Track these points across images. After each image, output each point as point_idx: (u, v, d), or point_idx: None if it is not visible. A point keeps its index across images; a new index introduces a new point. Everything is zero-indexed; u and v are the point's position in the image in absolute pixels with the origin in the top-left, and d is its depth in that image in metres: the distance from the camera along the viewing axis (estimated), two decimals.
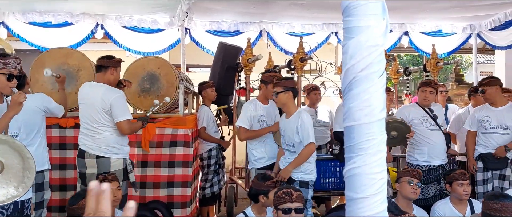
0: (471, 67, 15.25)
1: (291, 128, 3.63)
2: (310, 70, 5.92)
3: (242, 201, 5.98)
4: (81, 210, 2.58)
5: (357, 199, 1.07)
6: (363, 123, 1.09)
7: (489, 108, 4.47)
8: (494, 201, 2.42)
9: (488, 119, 4.43)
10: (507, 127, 4.36)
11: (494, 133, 4.40)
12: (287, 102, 3.66)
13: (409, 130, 4.14)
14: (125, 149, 3.68)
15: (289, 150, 3.74)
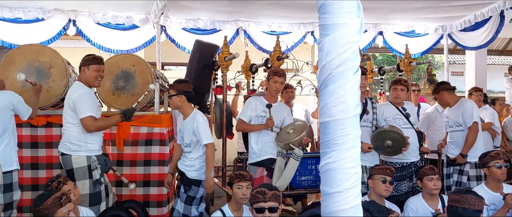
0: (442, 67, 15.64)
1: (188, 129, 3.76)
2: (286, 69, 5.95)
3: (219, 200, 5.96)
4: (47, 210, 2.53)
5: (332, 193, 1.09)
6: (338, 118, 1.11)
7: (447, 109, 4.80)
8: (455, 193, 2.58)
9: (447, 120, 4.74)
10: (460, 124, 4.61)
11: (452, 131, 4.70)
12: (181, 105, 3.78)
13: (405, 144, 4.21)
14: (89, 146, 3.63)
15: (184, 150, 3.86)
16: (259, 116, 4.20)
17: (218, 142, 5.29)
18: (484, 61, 9.59)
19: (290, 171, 3.93)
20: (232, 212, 3.27)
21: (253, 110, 4.20)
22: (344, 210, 1.09)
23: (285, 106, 4.48)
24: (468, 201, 2.44)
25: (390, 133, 4.21)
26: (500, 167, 3.75)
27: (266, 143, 4.17)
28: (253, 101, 4.28)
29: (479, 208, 2.40)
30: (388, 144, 4.18)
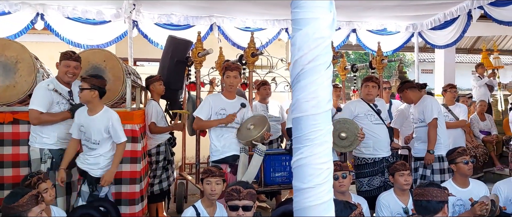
0: (413, 65, 16.01)
1: (98, 127, 3.64)
2: (261, 66, 5.95)
3: (192, 197, 5.92)
4: (22, 208, 2.46)
5: (305, 189, 1.08)
6: (310, 114, 1.11)
7: (412, 106, 4.97)
8: (419, 187, 2.65)
9: (412, 116, 4.90)
10: (422, 120, 4.76)
11: (416, 127, 4.87)
12: (92, 100, 3.64)
13: (358, 130, 4.25)
14: (43, 139, 3.65)
15: (88, 147, 3.69)
16: (218, 114, 4.14)
17: (192, 139, 5.25)
18: (452, 59, 9.86)
19: (254, 167, 3.92)
20: (205, 208, 3.25)
21: (211, 107, 4.14)
22: (316, 206, 1.09)
23: (244, 101, 4.41)
24: (430, 193, 2.51)
25: (344, 124, 4.24)
26: (466, 163, 3.86)
27: (228, 139, 4.13)
28: (211, 99, 4.22)
29: (442, 199, 2.46)
30: (343, 136, 4.20)
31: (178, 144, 5.45)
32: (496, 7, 5.68)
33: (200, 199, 3.35)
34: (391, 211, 3.77)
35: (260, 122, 4.10)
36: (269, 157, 4.49)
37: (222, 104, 4.15)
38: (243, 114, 4.23)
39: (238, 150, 4.10)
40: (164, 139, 4.85)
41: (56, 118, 3.72)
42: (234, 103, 4.19)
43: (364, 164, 4.53)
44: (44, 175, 3.14)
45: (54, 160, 3.64)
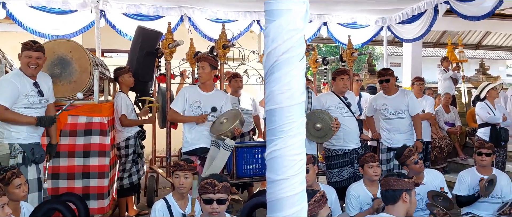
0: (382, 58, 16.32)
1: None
2: (233, 58, 5.91)
3: (163, 191, 5.86)
4: None
5: (278, 180, 1.08)
6: (284, 106, 1.10)
7: (384, 96, 4.93)
8: (383, 177, 2.70)
9: (386, 107, 4.88)
10: (402, 111, 4.84)
11: (392, 118, 4.86)
12: None
13: (332, 120, 4.29)
14: (12, 133, 3.50)
15: None
16: (193, 106, 4.12)
17: (162, 132, 5.18)
18: (419, 53, 10.11)
19: (220, 161, 3.91)
20: (176, 201, 3.23)
21: (186, 100, 4.11)
22: (289, 197, 1.09)
23: (222, 94, 4.40)
24: (388, 183, 2.58)
25: (319, 114, 4.29)
26: (416, 162, 3.97)
27: (199, 132, 4.12)
28: (186, 91, 4.19)
29: (398, 187, 2.52)
30: (318, 127, 4.25)
31: (148, 136, 5.36)
32: (462, 2, 5.85)
33: (171, 192, 3.32)
34: (360, 202, 3.86)
35: (233, 116, 4.09)
36: (241, 150, 4.48)
37: (197, 97, 4.13)
38: (222, 106, 4.22)
39: (209, 142, 4.08)
40: (133, 131, 4.76)
41: (20, 120, 3.54)
42: (211, 96, 4.17)
43: (334, 155, 4.60)
44: (18, 170, 3.05)
45: (26, 155, 3.49)
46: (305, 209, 1.13)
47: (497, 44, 16.65)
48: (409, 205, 2.50)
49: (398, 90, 4.97)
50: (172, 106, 4.19)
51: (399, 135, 4.83)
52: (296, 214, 1.10)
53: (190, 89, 4.26)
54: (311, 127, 4.28)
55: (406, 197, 2.47)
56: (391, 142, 4.84)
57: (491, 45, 16.69)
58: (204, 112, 4.11)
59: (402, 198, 2.48)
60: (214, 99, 4.18)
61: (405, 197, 2.47)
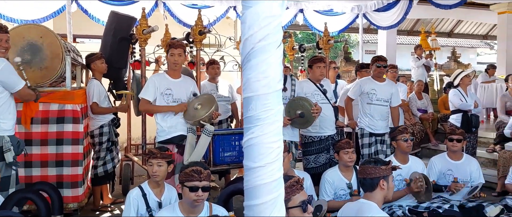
0: (358, 45, 16.48)
1: None
2: (209, 44, 5.86)
3: (139, 179, 5.81)
4: None
5: (255, 168, 1.08)
6: (261, 93, 1.10)
7: (374, 82, 4.94)
8: (360, 165, 2.72)
9: (374, 92, 4.90)
10: (387, 100, 4.92)
11: (377, 104, 4.90)
12: None
13: (312, 106, 4.30)
14: (1, 125, 3.34)
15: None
16: (164, 94, 3.99)
17: (137, 119, 5.11)
18: (394, 40, 10.28)
19: (202, 148, 3.89)
20: (152, 189, 3.21)
21: (156, 87, 3.99)
22: (266, 184, 1.09)
23: (190, 80, 4.30)
24: (366, 171, 2.61)
25: (299, 101, 4.31)
26: (406, 140, 4.13)
27: (174, 119, 4.02)
28: (156, 79, 4.06)
29: (375, 175, 2.54)
30: (299, 113, 4.27)
31: (122, 124, 5.28)
32: None
33: (147, 180, 3.29)
34: (335, 187, 3.93)
35: (207, 101, 4.04)
36: (218, 137, 4.47)
37: (167, 84, 4.02)
38: (191, 93, 4.14)
39: (185, 130, 4.04)
40: (107, 119, 4.68)
41: None
42: (180, 82, 4.09)
43: (311, 142, 4.65)
44: None
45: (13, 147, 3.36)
46: (282, 195, 1.14)
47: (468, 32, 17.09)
48: (387, 191, 2.53)
49: (385, 79, 5.04)
50: (143, 96, 4.00)
51: (381, 122, 4.91)
52: (273, 200, 1.10)
53: (159, 77, 4.12)
54: (293, 114, 4.30)
55: (383, 184, 2.51)
56: (374, 127, 4.89)
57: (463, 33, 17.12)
58: (176, 99, 4.02)
59: (379, 185, 2.51)
60: (184, 85, 4.11)
61: (382, 184, 2.51)
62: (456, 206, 4.14)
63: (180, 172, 2.75)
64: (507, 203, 4.22)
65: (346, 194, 3.95)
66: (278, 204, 1.10)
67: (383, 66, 4.92)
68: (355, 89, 5.00)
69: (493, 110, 8.33)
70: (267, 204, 1.08)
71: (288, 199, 1.90)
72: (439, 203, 4.20)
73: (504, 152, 5.45)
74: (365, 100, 4.91)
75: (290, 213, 1.89)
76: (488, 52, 27.87)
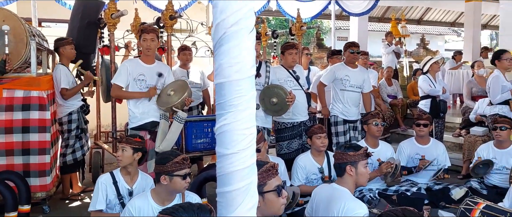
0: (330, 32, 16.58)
1: None
2: (180, 30, 5.76)
3: (110, 166, 5.71)
4: None
5: (228, 154, 1.07)
6: (234, 79, 1.08)
7: (347, 68, 4.98)
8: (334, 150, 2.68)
9: (347, 78, 4.93)
10: (359, 87, 4.98)
11: (350, 91, 4.94)
12: None
13: (287, 94, 4.30)
14: None
15: None
16: (137, 80, 3.93)
17: (107, 106, 5.00)
18: (365, 27, 10.40)
19: (173, 134, 3.86)
20: (123, 176, 3.16)
21: (129, 73, 3.91)
22: (239, 171, 1.09)
23: (164, 65, 4.25)
24: (336, 156, 2.65)
25: (274, 89, 4.32)
26: (377, 124, 4.25)
27: (147, 106, 3.96)
28: (129, 64, 3.98)
29: (343, 161, 2.56)
30: (274, 101, 4.28)
31: (92, 111, 5.16)
32: None
33: (119, 168, 3.24)
34: (307, 172, 3.99)
35: (180, 87, 3.99)
36: (191, 124, 4.44)
37: (140, 70, 3.94)
38: (164, 79, 4.08)
39: (158, 116, 3.99)
40: (76, 106, 4.55)
41: None
42: (153, 68, 4.01)
43: (284, 128, 4.68)
44: None
45: None
46: (255, 182, 1.13)
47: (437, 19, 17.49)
48: (356, 177, 2.54)
49: (358, 66, 5.08)
50: (115, 82, 3.92)
51: (354, 108, 4.96)
52: (246, 187, 1.10)
53: (132, 62, 4.05)
54: (268, 101, 4.30)
55: (351, 170, 2.53)
56: (348, 114, 4.93)
57: (431, 20, 17.51)
58: (149, 85, 3.96)
59: (347, 171, 2.53)
60: (158, 71, 4.04)
61: (350, 170, 2.53)
62: (423, 188, 4.29)
63: (159, 162, 2.68)
64: (472, 185, 4.40)
65: (318, 178, 4.01)
66: (251, 190, 1.10)
67: (356, 52, 4.96)
68: (328, 75, 5.02)
69: (459, 96, 8.59)
70: (239, 190, 1.08)
71: (264, 184, 1.91)
72: (407, 186, 4.34)
73: (469, 136, 5.65)
74: (339, 86, 4.94)
75: (265, 197, 1.90)
76: (455, 39, 28.63)
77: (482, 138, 5.41)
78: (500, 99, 5.02)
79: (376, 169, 4.13)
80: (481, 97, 6.30)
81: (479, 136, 5.51)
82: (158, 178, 2.67)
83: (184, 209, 1.38)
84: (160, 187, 2.69)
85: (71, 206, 4.49)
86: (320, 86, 5.10)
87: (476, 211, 3.13)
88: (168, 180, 2.62)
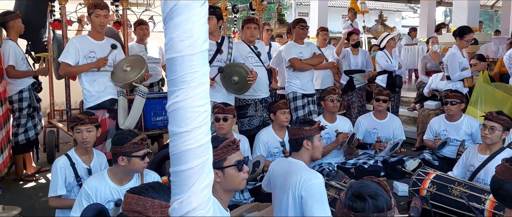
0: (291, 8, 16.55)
1: None
2: (137, 3, 5.57)
3: (65, 146, 5.53)
4: None
5: (181, 133, 1.03)
6: (186, 54, 1.03)
7: (298, 46, 5.03)
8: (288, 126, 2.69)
9: (301, 56, 4.97)
10: None
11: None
12: None
13: (248, 73, 4.23)
14: None
15: None
16: (87, 57, 3.78)
17: (60, 84, 4.79)
18: (325, 3, 10.44)
19: (137, 110, 3.77)
20: (80, 157, 3.06)
21: (78, 50, 3.75)
22: (193, 149, 1.05)
23: (115, 42, 4.10)
24: (292, 132, 2.66)
25: (235, 68, 4.27)
26: (332, 100, 4.33)
27: (103, 83, 3.83)
28: (77, 41, 3.81)
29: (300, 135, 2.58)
30: (235, 80, 4.22)
31: (44, 88, 4.93)
32: None
33: (74, 148, 3.13)
34: (268, 146, 4.04)
35: (137, 62, 3.88)
36: (149, 101, 4.34)
37: (90, 47, 3.78)
38: (115, 55, 3.93)
39: (115, 93, 3.86)
40: (27, 83, 4.34)
41: None
42: (104, 44, 3.86)
43: (245, 104, 4.66)
44: None
45: None
46: (210, 160, 1.10)
47: None
48: (313, 150, 2.60)
49: (304, 42, 5.12)
50: (63, 60, 3.75)
51: (310, 83, 5.07)
52: (200, 165, 1.07)
53: (80, 39, 3.87)
54: (229, 80, 4.25)
55: (307, 144, 2.57)
56: (306, 88, 5.01)
57: None
58: None
59: (303, 145, 2.57)
60: (107, 47, 3.89)
61: (307, 144, 2.57)
62: (379, 161, 4.45)
63: (116, 142, 2.60)
64: (425, 157, 4.60)
65: (279, 152, 4.08)
66: (206, 168, 1.07)
67: (306, 28, 5.01)
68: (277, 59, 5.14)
69: (414, 71, 8.87)
70: (194, 169, 1.05)
71: (224, 159, 1.90)
72: (365, 159, 4.48)
73: (423, 110, 5.86)
74: None
75: (225, 172, 1.90)
76: (411, 16, 29.40)
77: (435, 111, 5.63)
78: (459, 76, 5.12)
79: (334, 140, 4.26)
80: (435, 72, 6.53)
81: (432, 109, 5.73)
82: (115, 159, 2.60)
83: (155, 189, 1.35)
84: (118, 168, 2.63)
85: (25, 187, 4.34)
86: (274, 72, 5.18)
87: (427, 181, 3.27)
88: (126, 161, 2.56)
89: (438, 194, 3.16)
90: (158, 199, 1.32)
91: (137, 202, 1.33)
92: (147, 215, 1.30)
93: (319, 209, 2.29)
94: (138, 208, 1.32)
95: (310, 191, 2.32)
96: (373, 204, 1.37)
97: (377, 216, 1.36)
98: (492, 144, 3.36)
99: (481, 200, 2.96)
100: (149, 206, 1.31)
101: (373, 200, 1.38)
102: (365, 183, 1.47)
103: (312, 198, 2.30)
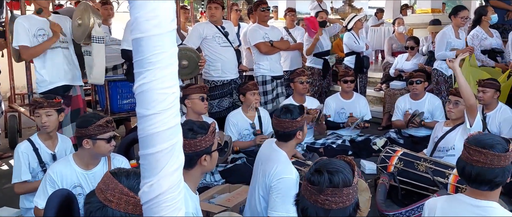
0: None
1: None
2: None
3: (29, 131, 5.34)
4: None
5: (149, 115, 1.01)
6: (152, 34, 1.00)
7: (263, 28, 5.00)
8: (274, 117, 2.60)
9: (267, 37, 4.94)
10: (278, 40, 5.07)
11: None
12: None
13: (199, 58, 4.14)
14: None
15: None
16: (37, 36, 3.63)
17: (20, 66, 4.60)
18: None
19: (100, 58, 3.65)
20: (43, 142, 2.97)
21: (28, 30, 3.59)
22: (161, 132, 1.03)
23: (64, 17, 3.92)
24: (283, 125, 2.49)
25: (185, 52, 4.04)
26: (302, 83, 4.38)
27: (56, 67, 3.70)
28: (24, 21, 3.63)
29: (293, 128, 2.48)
30: (184, 64, 4.07)
31: (3, 72, 4.72)
32: None
33: (37, 133, 3.02)
34: (239, 128, 4.05)
35: (83, 12, 3.73)
36: (115, 84, 4.24)
37: (39, 24, 3.62)
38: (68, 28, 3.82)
39: (69, 79, 3.73)
40: None
41: None
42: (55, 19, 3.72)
43: (214, 86, 4.62)
44: None
45: None
46: (180, 142, 1.09)
47: None
48: (301, 138, 2.56)
49: (269, 25, 5.14)
50: (20, 43, 3.56)
51: (278, 64, 5.08)
52: (170, 148, 1.05)
53: (26, 19, 3.69)
54: (179, 64, 4.16)
55: (299, 135, 2.50)
56: (275, 69, 5.00)
57: None
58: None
59: (296, 136, 2.50)
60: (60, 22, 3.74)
61: (299, 135, 2.50)
62: (347, 140, 4.54)
63: (81, 125, 2.53)
64: (390, 135, 4.74)
65: (250, 133, 4.09)
66: (176, 151, 1.06)
67: (267, 10, 4.99)
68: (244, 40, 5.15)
69: (381, 52, 9.03)
70: (163, 152, 1.03)
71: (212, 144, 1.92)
72: (333, 139, 4.57)
73: (389, 90, 6.00)
74: None
75: (212, 156, 1.92)
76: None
77: (400, 91, 5.77)
78: (442, 56, 4.98)
79: None
80: (401, 53, 6.66)
81: (398, 89, 5.87)
82: (80, 142, 2.53)
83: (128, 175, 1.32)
84: (83, 151, 2.57)
85: None
86: None
87: (394, 158, 3.37)
88: (91, 144, 2.50)
89: (404, 170, 3.26)
90: (124, 184, 1.29)
91: (105, 180, 1.31)
92: (105, 196, 1.28)
93: (280, 204, 2.28)
94: (101, 186, 1.30)
95: (279, 185, 2.32)
96: (329, 178, 1.39)
97: (331, 191, 1.39)
98: (456, 119, 3.52)
99: (445, 174, 3.08)
100: (112, 188, 1.28)
101: (330, 175, 1.40)
102: (331, 160, 1.50)
103: (278, 191, 2.31)
